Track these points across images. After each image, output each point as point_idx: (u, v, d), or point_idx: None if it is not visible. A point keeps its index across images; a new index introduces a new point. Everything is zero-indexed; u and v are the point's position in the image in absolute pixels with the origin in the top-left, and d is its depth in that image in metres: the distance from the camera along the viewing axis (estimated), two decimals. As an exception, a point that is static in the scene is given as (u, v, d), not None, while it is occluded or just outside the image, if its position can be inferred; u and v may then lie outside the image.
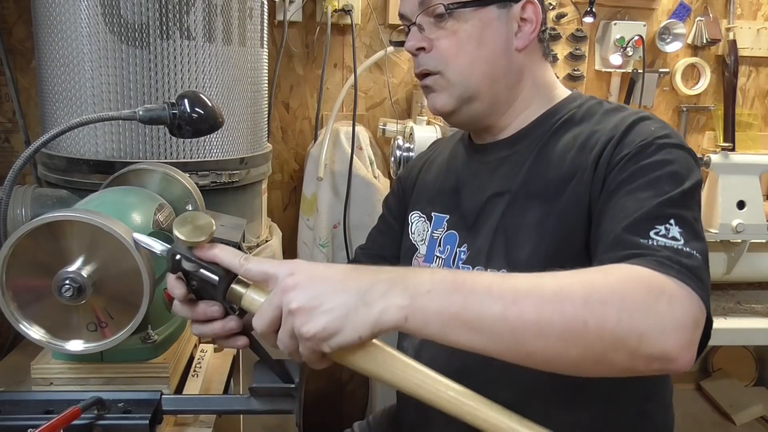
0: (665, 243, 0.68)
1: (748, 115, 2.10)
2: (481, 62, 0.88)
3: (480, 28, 0.88)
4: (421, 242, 1.01)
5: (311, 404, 2.15)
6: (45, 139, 0.83)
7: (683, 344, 0.60)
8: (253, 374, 0.78)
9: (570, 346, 0.59)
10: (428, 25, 0.89)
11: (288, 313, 0.59)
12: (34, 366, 0.82)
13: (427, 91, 0.94)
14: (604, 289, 0.61)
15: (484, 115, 0.93)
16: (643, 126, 0.81)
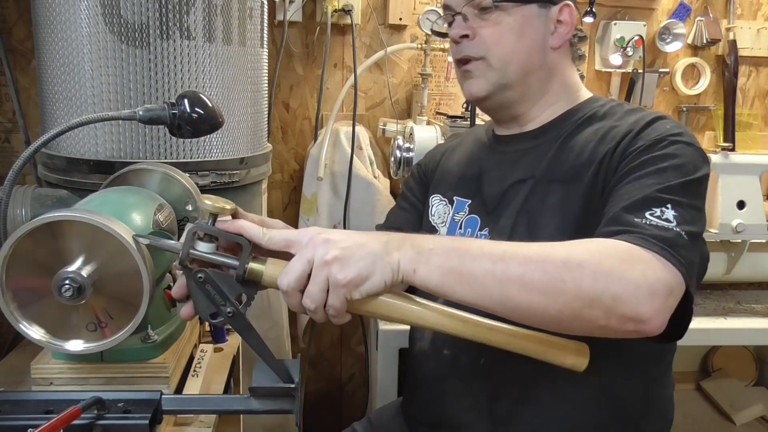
0: (657, 223, 0.75)
1: (748, 115, 2.10)
2: (519, 53, 0.96)
3: (521, 23, 0.95)
4: (441, 224, 1.06)
5: (311, 404, 2.15)
6: (45, 139, 0.83)
7: (655, 309, 0.67)
8: (253, 374, 0.78)
9: (551, 301, 0.67)
10: (472, 15, 0.96)
11: (323, 264, 0.64)
12: (34, 366, 0.82)
13: (465, 76, 0.99)
14: (583, 254, 0.68)
15: (514, 104, 1.00)
16: (660, 124, 0.88)
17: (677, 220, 0.76)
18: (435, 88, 1.97)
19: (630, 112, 0.94)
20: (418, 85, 1.93)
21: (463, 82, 1.01)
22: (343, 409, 2.21)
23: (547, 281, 0.67)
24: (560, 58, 1.00)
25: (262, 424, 1.56)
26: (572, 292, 0.66)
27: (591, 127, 0.94)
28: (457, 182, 1.07)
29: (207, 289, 0.71)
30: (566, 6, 0.97)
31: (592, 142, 0.91)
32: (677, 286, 0.70)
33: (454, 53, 1.00)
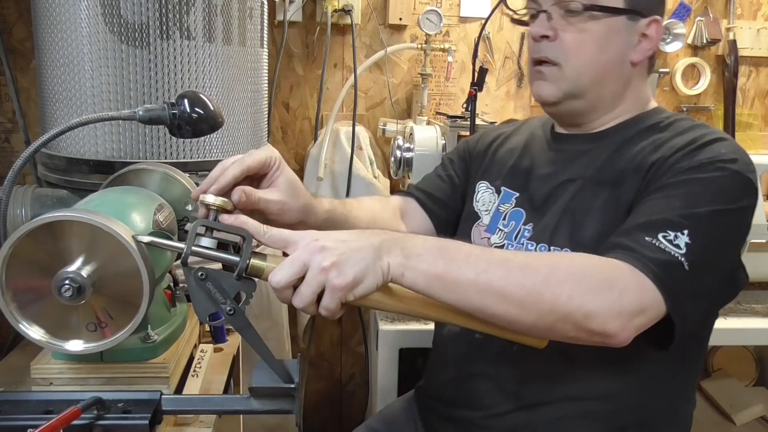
0: (664, 246, 0.77)
1: (748, 115, 2.10)
2: (596, 65, 0.93)
3: (606, 33, 0.92)
4: (485, 212, 1.06)
5: (311, 405, 2.15)
6: (45, 139, 0.83)
7: (621, 327, 0.72)
8: (253, 374, 0.78)
9: (526, 312, 0.72)
10: (558, 16, 0.93)
11: (321, 271, 0.67)
12: (34, 366, 0.82)
13: (537, 76, 0.97)
14: (565, 272, 0.73)
15: (582, 113, 0.98)
16: (717, 146, 0.85)
17: (688, 248, 0.77)
18: (435, 88, 1.97)
19: (693, 128, 0.91)
20: (418, 85, 1.93)
21: (533, 82, 0.99)
22: (343, 409, 2.21)
23: (525, 295, 0.71)
24: (637, 73, 0.97)
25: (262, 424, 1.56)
26: (548, 307, 0.71)
27: (650, 136, 0.93)
28: (506, 173, 1.06)
29: (207, 287, 0.71)
30: (655, 21, 0.94)
31: (646, 151, 0.90)
32: (652, 307, 0.75)
33: (531, 51, 0.97)
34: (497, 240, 1.01)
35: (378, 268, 0.69)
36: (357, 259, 0.68)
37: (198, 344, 1.03)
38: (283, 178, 0.85)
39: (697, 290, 0.79)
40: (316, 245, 0.68)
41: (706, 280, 0.80)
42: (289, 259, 0.68)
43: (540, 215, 0.97)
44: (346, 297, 0.68)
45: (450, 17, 1.93)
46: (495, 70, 2.00)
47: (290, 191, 0.85)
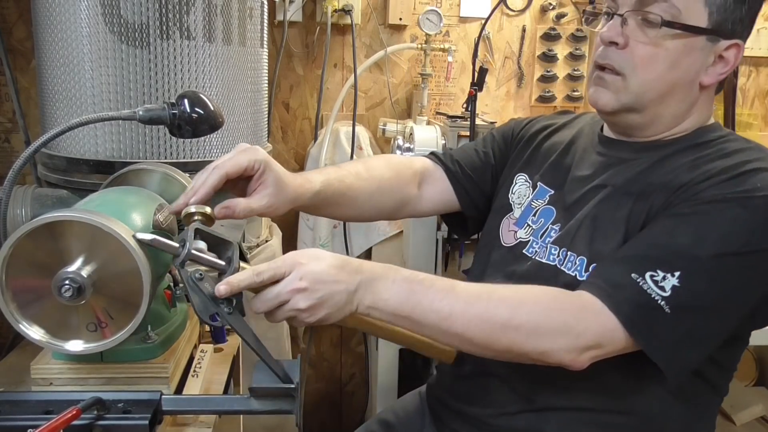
0: (647, 288, 0.77)
1: (748, 115, 2.10)
2: (664, 83, 0.87)
3: (681, 52, 0.86)
4: (518, 205, 1.04)
5: (311, 405, 2.15)
6: (45, 139, 0.83)
7: (574, 360, 0.78)
8: (253, 374, 0.78)
9: (487, 351, 0.81)
10: (633, 23, 0.87)
11: (296, 310, 0.74)
12: (34, 366, 0.82)
13: (597, 82, 0.92)
14: (525, 316, 0.78)
15: (637, 127, 0.93)
16: (756, 178, 0.80)
17: (674, 291, 0.76)
18: (435, 88, 1.97)
19: (740, 151, 0.86)
20: (418, 85, 1.93)
21: (592, 87, 0.93)
22: (343, 409, 2.21)
23: (485, 339, 0.79)
24: (705, 95, 0.91)
25: (262, 424, 1.56)
26: (505, 348, 0.79)
27: (693, 154, 0.88)
28: (546, 168, 1.03)
29: (206, 287, 0.72)
30: (736, 45, 0.87)
31: (682, 169, 0.86)
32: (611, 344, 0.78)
33: (597, 55, 0.91)
34: (524, 235, 1.00)
35: (347, 311, 0.77)
36: (330, 303, 0.75)
37: (198, 344, 1.03)
38: (270, 177, 0.85)
39: (691, 333, 0.79)
40: (299, 285, 0.73)
41: (705, 323, 0.79)
42: (273, 294, 0.74)
43: (568, 217, 0.95)
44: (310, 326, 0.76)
45: (450, 17, 1.93)
46: (495, 70, 2.00)
47: (277, 189, 0.86)
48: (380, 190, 1.05)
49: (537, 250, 0.96)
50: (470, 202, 1.13)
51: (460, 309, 0.78)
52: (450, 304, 0.78)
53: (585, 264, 0.88)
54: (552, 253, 0.93)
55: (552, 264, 0.92)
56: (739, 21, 0.86)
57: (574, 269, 0.89)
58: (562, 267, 0.91)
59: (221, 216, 0.80)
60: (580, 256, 0.89)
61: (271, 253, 1.48)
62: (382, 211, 1.09)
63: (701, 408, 0.94)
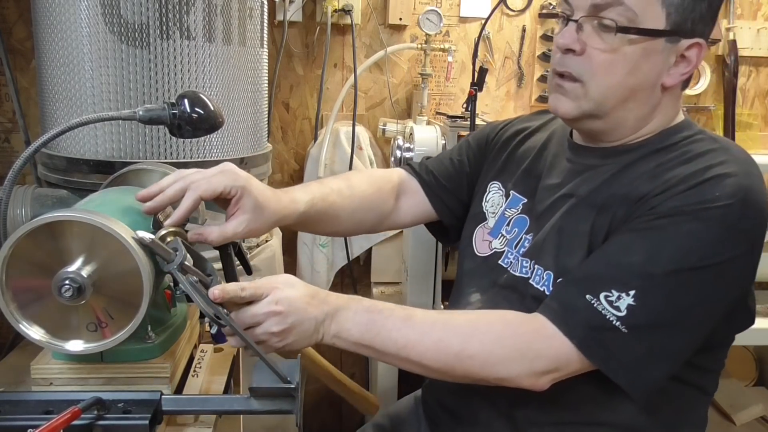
0: (601, 309, 0.78)
1: (748, 115, 2.10)
2: (624, 89, 0.85)
3: (640, 56, 0.83)
4: (492, 214, 1.03)
5: (311, 405, 2.15)
6: (45, 139, 0.83)
7: (534, 384, 0.80)
8: (253, 374, 0.78)
9: (447, 377, 0.84)
10: (590, 28, 0.84)
11: (269, 333, 0.77)
12: (34, 366, 0.82)
13: (556, 89, 0.89)
14: (476, 346, 0.80)
15: (601, 133, 0.91)
16: (717, 186, 0.78)
17: (630, 310, 0.76)
18: (435, 88, 1.97)
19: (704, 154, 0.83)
20: (418, 85, 1.93)
21: (552, 93, 0.91)
22: (343, 409, 2.21)
23: (442, 367, 0.82)
24: (669, 96, 0.88)
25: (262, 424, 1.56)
26: (462, 375, 0.82)
27: (656, 159, 0.86)
28: (519, 175, 1.02)
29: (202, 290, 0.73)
30: (697, 45, 0.84)
31: (643, 178, 0.84)
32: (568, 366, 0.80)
33: (555, 62, 0.89)
34: (498, 245, 0.99)
35: (313, 340, 0.80)
36: (299, 330, 0.78)
37: (198, 344, 1.03)
38: (248, 203, 0.85)
39: (651, 351, 0.78)
40: (274, 308, 0.76)
41: (666, 340, 0.78)
42: (250, 313, 0.76)
43: (538, 227, 0.93)
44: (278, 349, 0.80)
45: (450, 17, 1.93)
46: (495, 70, 2.00)
47: (255, 215, 0.86)
48: (361, 206, 1.06)
49: (512, 261, 0.95)
50: (448, 211, 1.12)
51: (415, 339, 0.81)
52: (406, 334, 0.81)
53: (552, 279, 0.87)
54: (523, 265, 0.93)
55: (524, 277, 0.92)
56: (699, 19, 0.84)
57: (542, 284, 0.88)
58: (532, 281, 0.90)
59: (194, 240, 0.81)
60: (547, 271, 0.88)
61: (271, 253, 1.48)
62: (363, 225, 1.10)
63: (688, 407, 0.93)
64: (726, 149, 0.84)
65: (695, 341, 0.81)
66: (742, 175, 0.79)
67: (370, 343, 0.81)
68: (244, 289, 0.75)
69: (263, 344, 0.78)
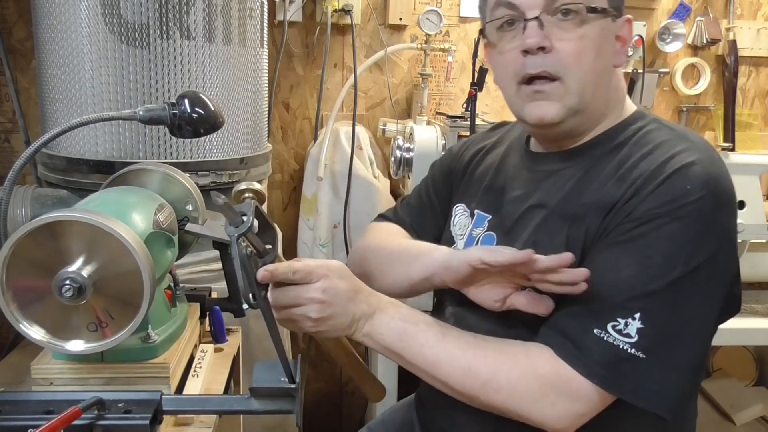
0: (612, 340, 0.75)
1: (748, 115, 2.10)
2: (595, 74, 0.83)
3: (601, 38, 0.83)
4: (460, 237, 1.01)
5: (311, 404, 2.15)
6: (45, 139, 0.83)
7: (558, 425, 0.77)
8: (253, 374, 0.78)
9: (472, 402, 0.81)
10: (550, 22, 0.81)
11: (306, 317, 0.78)
12: (34, 366, 0.82)
13: (535, 96, 0.84)
14: (502, 380, 0.78)
15: (574, 131, 0.88)
16: (683, 179, 0.77)
17: (641, 334, 0.74)
18: (435, 88, 1.97)
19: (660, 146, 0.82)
20: (418, 85, 1.93)
21: (528, 103, 0.85)
22: (343, 409, 2.21)
23: (466, 393, 0.80)
24: (618, 78, 0.88)
25: (262, 424, 1.56)
26: (486, 404, 0.80)
27: (616, 157, 0.84)
28: (481, 194, 1.00)
29: (250, 266, 0.74)
30: (628, 21, 0.86)
31: (610, 181, 0.82)
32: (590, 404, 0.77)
33: (524, 68, 0.83)
34: None
35: (344, 333, 0.80)
36: (335, 322, 0.79)
37: (198, 344, 1.03)
38: None
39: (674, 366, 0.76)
40: (319, 296, 0.77)
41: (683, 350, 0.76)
42: (293, 294, 0.77)
43: (509, 242, 0.90)
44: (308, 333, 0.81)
45: (450, 17, 1.93)
46: (495, 70, 2.00)
47: None
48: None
49: None
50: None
51: (445, 360, 0.80)
52: (437, 353, 0.80)
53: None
54: None
55: None
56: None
57: None
58: None
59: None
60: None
61: (271, 253, 1.48)
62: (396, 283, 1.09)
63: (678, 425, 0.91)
64: (683, 136, 0.83)
65: (708, 342, 0.81)
66: (706, 161, 0.78)
67: (401, 352, 0.81)
68: (296, 272, 0.76)
69: (295, 323, 0.79)
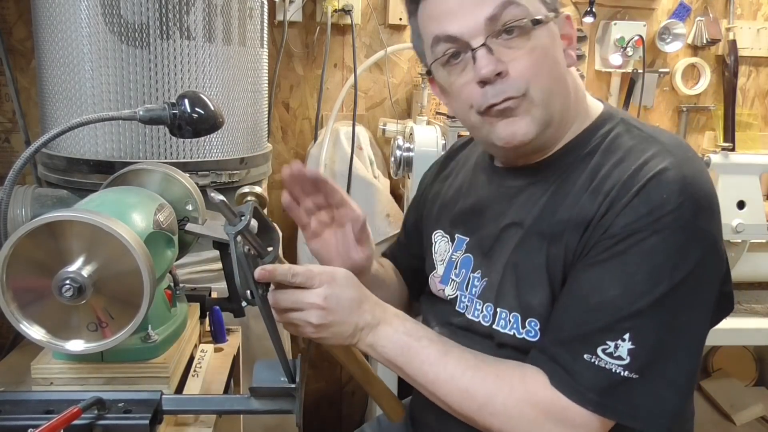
0: (604, 364, 0.74)
1: (748, 115, 2.10)
2: (555, 81, 0.80)
3: (551, 44, 0.80)
4: (440, 262, 0.99)
5: (311, 405, 2.15)
6: (45, 139, 0.83)
7: None
8: (253, 374, 0.78)
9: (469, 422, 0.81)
10: (498, 45, 0.78)
11: (307, 323, 0.77)
12: (35, 366, 0.82)
13: (503, 114, 0.80)
14: (498, 405, 0.77)
15: (549, 143, 0.85)
16: (659, 187, 0.74)
17: (633, 355, 0.72)
18: (435, 88, 1.97)
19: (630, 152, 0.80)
20: (418, 85, 1.93)
21: (498, 124, 0.81)
22: (343, 409, 2.21)
23: (464, 414, 0.80)
24: (574, 77, 0.85)
25: (262, 424, 1.56)
26: (482, 426, 0.80)
27: (589, 166, 0.82)
28: (457, 217, 0.98)
29: (248, 264, 0.73)
30: (567, 17, 0.84)
31: (584, 194, 0.80)
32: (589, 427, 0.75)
33: (489, 97, 0.79)
34: (450, 291, 0.94)
35: (347, 342, 0.80)
36: (336, 330, 0.78)
37: (198, 344, 1.03)
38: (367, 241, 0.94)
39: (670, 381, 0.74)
40: (320, 303, 0.76)
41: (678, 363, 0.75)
42: (293, 297, 0.76)
43: (487, 264, 0.88)
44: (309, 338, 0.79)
45: (450, 17, 1.93)
46: (495, 70, 1.99)
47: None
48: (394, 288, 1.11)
49: (467, 304, 0.90)
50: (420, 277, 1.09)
51: (444, 379, 0.80)
52: (437, 371, 0.80)
53: (520, 320, 0.82)
54: (477, 309, 0.88)
55: (485, 325, 0.86)
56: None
57: (510, 327, 0.83)
58: (497, 327, 0.84)
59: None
60: (513, 312, 0.83)
61: (271, 253, 1.48)
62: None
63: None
64: (652, 138, 0.81)
65: (700, 350, 0.79)
66: (680, 164, 0.76)
67: (402, 366, 0.81)
68: (296, 275, 0.75)
69: (296, 327, 0.78)
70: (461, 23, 0.78)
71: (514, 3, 0.77)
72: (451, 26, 0.79)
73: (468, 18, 0.78)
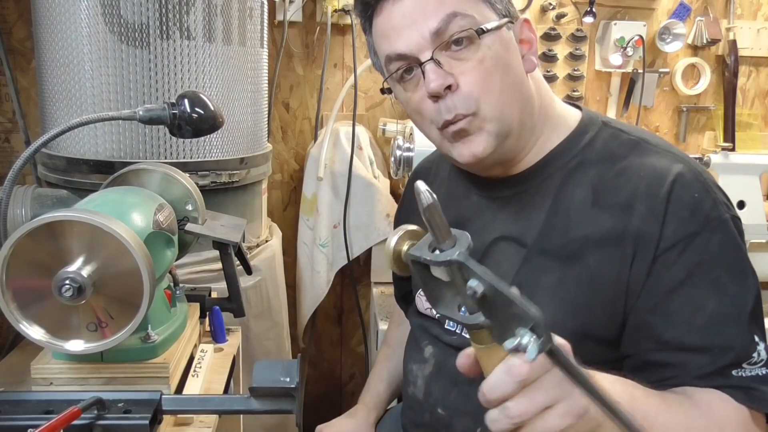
0: (756, 373, 0.72)
1: (748, 115, 2.10)
2: (509, 90, 0.78)
3: (504, 52, 0.78)
4: None
5: (311, 404, 2.15)
6: (45, 139, 0.83)
7: None
8: (253, 374, 0.78)
9: None
10: (445, 58, 0.77)
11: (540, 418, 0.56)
12: (34, 366, 0.82)
13: (458, 136, 0.79)
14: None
15: (513, 152, 0.83)
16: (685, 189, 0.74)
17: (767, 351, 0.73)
18: (435, 88, 1.97)
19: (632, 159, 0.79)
20: (418, 85, 1.93)
21: (455, 144, 0.80)
22: (343, 409, 2.20)
23: None
24: (538, 82, 0.84)
25: (262, 424, 1.56)
26: None
27: (585, 177, 0.81)
28: None
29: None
30: (525, 21, 0.83)
31: (587, 207, 0.79)
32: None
33: (439, 114, 0.78)
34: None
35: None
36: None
37: (198, 344, 1.03)
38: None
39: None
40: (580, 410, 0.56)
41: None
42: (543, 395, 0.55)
43: None
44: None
45: (450, 17, 1.93)
46: (495, 70, 1.99)
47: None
48: None
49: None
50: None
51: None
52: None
53: None
54: None
55: None
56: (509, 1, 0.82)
57: None
58: None
59: None
60: None
61: (270, 253, 1.48)
62: None
63: None
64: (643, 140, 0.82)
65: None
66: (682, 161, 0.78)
67: None
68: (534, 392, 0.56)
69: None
70: (408, 39, 0.78)
71: (459, 14, 0.76)
72: (399, 44, 0.78)
73: (414, 33, 0.77)
